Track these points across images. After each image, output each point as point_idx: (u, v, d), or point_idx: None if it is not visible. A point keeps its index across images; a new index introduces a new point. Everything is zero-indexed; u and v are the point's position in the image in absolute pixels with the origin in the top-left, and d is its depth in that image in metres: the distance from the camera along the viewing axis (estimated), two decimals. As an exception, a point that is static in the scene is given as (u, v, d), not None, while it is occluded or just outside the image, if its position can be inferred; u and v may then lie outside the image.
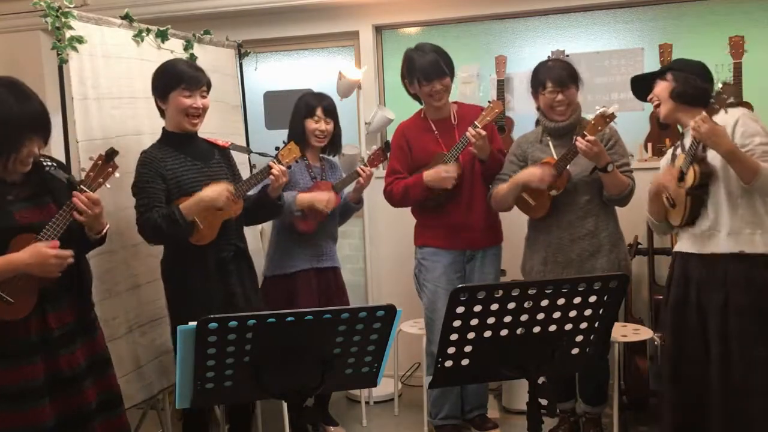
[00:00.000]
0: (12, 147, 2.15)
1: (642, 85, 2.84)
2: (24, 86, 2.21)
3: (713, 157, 2.57)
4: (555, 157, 3.08)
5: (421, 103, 3.42)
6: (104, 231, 2.38)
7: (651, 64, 3.87)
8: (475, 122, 3.13)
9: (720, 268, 2.60)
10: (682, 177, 2.62)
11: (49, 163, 2.33)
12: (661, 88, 2.70)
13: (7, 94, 2.15)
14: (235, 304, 2.83)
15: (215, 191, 2.71)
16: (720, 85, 2.48)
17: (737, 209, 2.58)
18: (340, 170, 3.58)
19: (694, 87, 2.63)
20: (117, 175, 2.33)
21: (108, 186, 2.32)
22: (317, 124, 3.33)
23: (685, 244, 2.72)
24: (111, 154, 2.29)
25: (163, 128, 2.86)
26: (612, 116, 2.85)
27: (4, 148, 2.15)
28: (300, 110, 3.37)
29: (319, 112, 3.32)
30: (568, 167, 3.04)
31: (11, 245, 2.17)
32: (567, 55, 3.82)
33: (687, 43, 3.84)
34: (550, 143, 3.15)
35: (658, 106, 2.74)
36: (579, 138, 2.89)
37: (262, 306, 3.02)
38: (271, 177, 2.86)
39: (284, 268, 3.35)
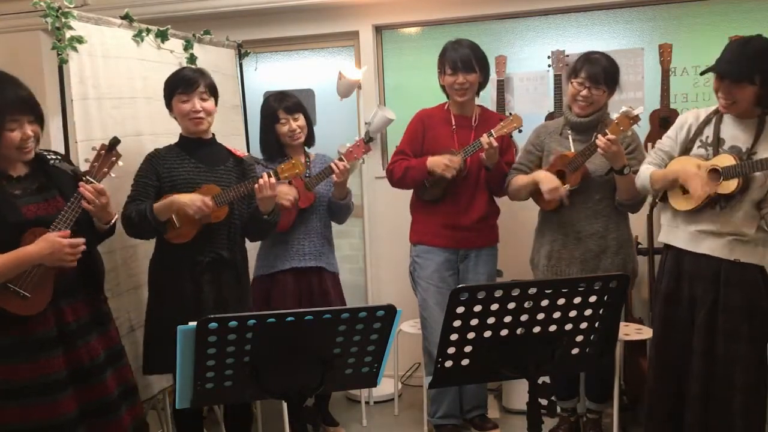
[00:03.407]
0: None
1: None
2: (3, 74, 2.25)
3: None
4: (573, 151, 3.08)
5: (448, 98, 3.41)
6: (113, 220, 2.45)
7: (651, 64, 3.87)
8: (492, 131, 3.13)
9: (714, 266, 2.61)
10: (717, 176, 2.54)
11: (53, 157, 2.37)
12: (747, 93, 2.49)
13: None
14: (204, 311, 2.73)
15: (189, 198, 2.70)
16: None
17: (751, 221, 2.56)
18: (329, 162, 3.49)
19: None
20: (121, 163, 2.40)
21: (113, 175, 2.38)
22: (285, 126, 3.29)
23: (678, 239, 2.70)
24: (114, 143, 2.35)
25: (180, 133, 2.93)
26: (636, 118, 2.82)
27: None
28: (265, 118, 3.34)
29: (281, 114, 3.28)
30: (585, 164, 3.03)
31: (23, 240, 2.22)
32: (567, 55, 3.82)
33: (687, 43, 3.84)
34: (570, 137, 3.14)
35: (724, 99, 2.56)
36: (599, 136, 2.87)
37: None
38: (256, 187, 2.79)
39: (266, 268, 3.34)
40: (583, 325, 2.00)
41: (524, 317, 1.93)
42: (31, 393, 2.24)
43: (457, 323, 1.88)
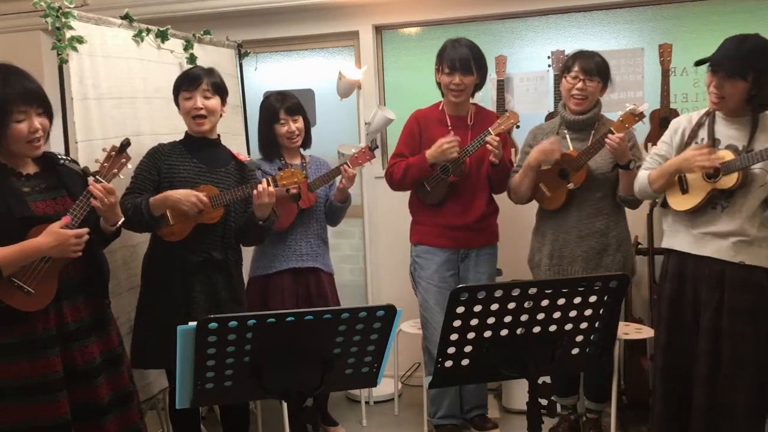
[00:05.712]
0: (1, 120, 2.19)
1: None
2: (12, 67, 2.28)
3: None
4: (571, 150, 3.09)
5: (443, 96, 3.41)
6: (119, 223, 2.44)
7: (651, 64, 3.87)
8: (489, 129, 3.13)
9: (717, 268, 2.59)
10: (716, 172, 2.55)
11: (64, 157, 2.41)
12: (738, 89, 2.51)
13: None
14: (193, 312, 2.76)
15: (183, 193, 2.72)
16: None
17: (755, 222, 2.55)
18: (328, 166, 3.48)
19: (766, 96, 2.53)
20: (129, 166, 2.41)
21: (122, 177, 2.39)
22: (284, 127, 3.28)
23: (681, 242, 2.69)
24: (125, 145, 2.37)
25: (186, 131, 2.94)
26: (641, 115, 2.85)
27: None
28: (264, 116, 3.33)
29: (282, 114, 3.27)
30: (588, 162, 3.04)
31: (29, 236, 2.22)
32: (567, 55, 3.81)
33: (687, 43, 3.84)
34: (567, 136, 3.15)
35: (715, 94, 2.56)
36: (609, 135, 2.87)
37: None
38: (254, 193, 2.80)
39: (263, 269, 3.33)
40: (583, 325, 2.00)
41: (524, 317, 1.93)
42: (33, 392, 2.24)
43: (457, 323, 1.88)
